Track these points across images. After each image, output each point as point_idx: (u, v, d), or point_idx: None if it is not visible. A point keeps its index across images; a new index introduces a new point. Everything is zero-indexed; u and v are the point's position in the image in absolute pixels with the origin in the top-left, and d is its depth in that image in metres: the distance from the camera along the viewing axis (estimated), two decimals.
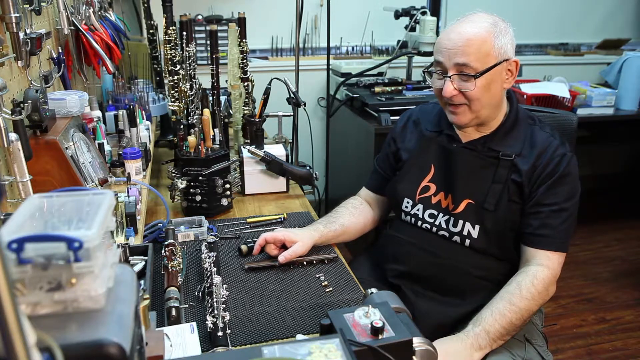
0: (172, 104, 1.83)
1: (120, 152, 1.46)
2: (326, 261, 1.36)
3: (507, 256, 1.34)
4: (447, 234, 1.37)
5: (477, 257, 1.34)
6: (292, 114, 1.92)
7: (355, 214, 1.53)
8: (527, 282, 1.24)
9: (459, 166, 1.35)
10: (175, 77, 1.83)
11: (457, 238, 1.35)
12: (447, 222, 1.36)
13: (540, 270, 1.26)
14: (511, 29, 1.31)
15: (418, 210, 1.42)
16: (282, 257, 1.31)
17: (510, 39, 1.29)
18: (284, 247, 1.35)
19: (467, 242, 1.34)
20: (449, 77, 1.28)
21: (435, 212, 1.39)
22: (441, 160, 1.39)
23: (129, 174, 1.41)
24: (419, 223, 1.41)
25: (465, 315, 1.31)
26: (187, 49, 1.67)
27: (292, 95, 1.84)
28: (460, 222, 1.34)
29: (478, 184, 1.33)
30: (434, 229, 1.38)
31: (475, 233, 1.33)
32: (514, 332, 1.23)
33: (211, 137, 1.56)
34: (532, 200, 1.30)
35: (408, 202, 1.44)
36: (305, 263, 1.34)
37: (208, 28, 2.91)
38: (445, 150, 1.39)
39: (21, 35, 1.10)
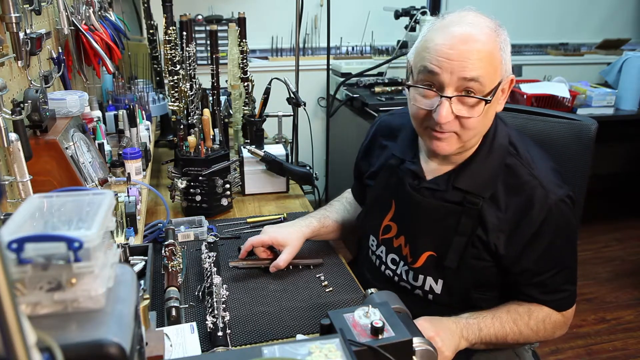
0: (172, 104, 1.83)
1: (120, 152, 1.46)
2: (312, 267, 1.33)
3: (478, 309, 1.16)
4: (408, 287, 1.21)
5: (443, 311, 1.13)
6: (292, 114, 1.92)
7: (351, 210, 1.46)
8: (539, 317, 1.13)
9: (420, 212, 1.15)
10: (175, 77, 1.83)
11: (419, 292, 1.19)
12: (407, 273, 1.20)
13: (554, 314, 1.14)
14: (507, 34, 1.06)
15: (381, 252, 1.27)
16: (273, 268, 1.27)
17: (509, 51, 1.05)
18: (272, 246, 1.32)
19: (430, 296, 1.18)
20: (449, 97, 1.00)
21: (397, 259, 1.23)
22: (401, 199, 1.19)
23: (129, 174, 1.41)
24: (382, 267, 1.27)
25: None
26: (187, 49, 1.67)
27: (292, 95, 1.84)
28: (421, 277, 1.17)
29: (439, 234, 1.13)
30: (396, 278, 1.23)
31: (438, 288, 1.16)
32: (502, 346, 1.17)
33: (211, 137, 1.56)
34: (523, 270, 1.11)
35: (373, 241, 1.29)
36: (291, 267, 1.31)
37: (208, 28, 2.91)
38: (405, 188, 1.17)
39: (21, 35, 1.10)
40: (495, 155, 1.10)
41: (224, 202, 1.59)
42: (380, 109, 2.61)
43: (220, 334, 1.00)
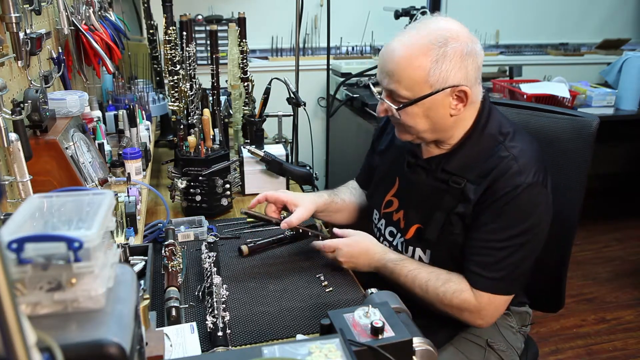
0: (172, 104, 1.83)
1: (120, 152, 1.46)
2: (320, 237, 1.35)
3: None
4: None
5: None
6: (292, 114, 1.92)
7: (356, 195, 1.54)
8: (452, 288, 1.16)
9: (415, 188, 1.26)
10: (175, 77, 1.83)
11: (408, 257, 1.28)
12: (402, 245, 1.30)
13: (467, 292, 1.15)
14: (474, 47, 1.10)
15: (382, 224, 1.36)
16: (285, 224, 1.28)
17: (459, 63, 1.08)
18: (284, 209, 1.36)
19: None
20: (381, 97, 1.18)
21: (395, 231, 1.32)
22: (404, 176, 1.30)
23: (129, 174, 1.41)
24: (381, 239, 1.36)
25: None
26: (187, 49, 1.67)
27: (292, 95, 1.84)
28: (411, 248, 1.27)
29: (426, 208, 1.22)
30: (391, 248, 1.32)
31: (426, 259, 1.25)
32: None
33: (211, 137, 1.56)
34: (471, 231, 1.16)
35: (376, 215, 1.39)
36: (301, 231, 1.34)
37: (208, 28, 2.91)
38: (406, 165, 1.29)
39: (21, 35, 1.10)
40: (484, 143, 1.18)
41: (224, 202, 1.59)
42: None
43: (220, 334, 1.00)
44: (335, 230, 1.29)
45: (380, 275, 1.27)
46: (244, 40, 1.95)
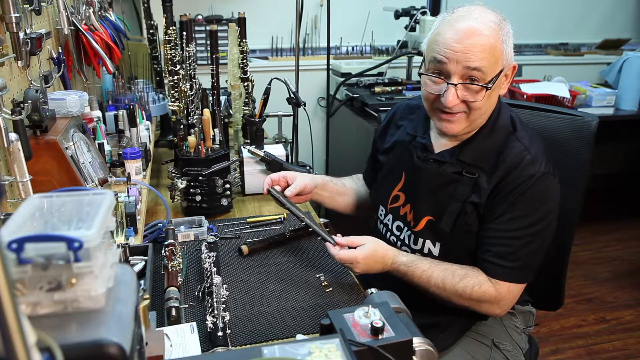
0: (172, 104, 1.83)
1: (120, 152, 1.46)
2: (327, 239, 1.28)
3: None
4: (409, 251, 1.30)
5: None
6: (292, 114, 1.92)
7: (359, 184, 1.58)
8: (470, 282, 1.17)
9: (424, 180, 1.26)
10: (175, 77, 1.83)
11: (418, 255, 1.27)
12: (409, 238, 1.30)
13: (486, 283, 1.17)
14: (510, 26, 1.18)
15: (388, 220, 1.36)
16: (289, 192, 1.34)
17: (512, 41, 1.16)
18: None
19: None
20: (455, 84, 1.12)
21: (402, 225, 1.32)
22: (411, 170, 1.30)
23: (129, 174, 1.41)
24: (388, 235, 1.36)
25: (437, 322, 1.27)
26: (187, 49, 1.67)
27: (292, 95, 1.84)
28: (421, 240, 1.27)
29: (439, 200, 1.23)
30: (399, 243, 1.33)
31: (436, 251, 1.25)
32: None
33: (211, 137, 1.56)
34: (487, 222, 1.18)
35: (382, 210, 1.39)
36: (310, 230, 1.31)
37: (208, 28, 2.91)
38: (415, 160, 1.29)
39: (21, 35, 1.10)
40: (497, 134, 1.21)
41: (224, 202, 1.59)
42: (380, 109, 2.61)
43: (220, 334, 1.00)
44: (339, 240, 1.22)
45: (394, 274, 1.25)
46: (244, 40, 1.95)
